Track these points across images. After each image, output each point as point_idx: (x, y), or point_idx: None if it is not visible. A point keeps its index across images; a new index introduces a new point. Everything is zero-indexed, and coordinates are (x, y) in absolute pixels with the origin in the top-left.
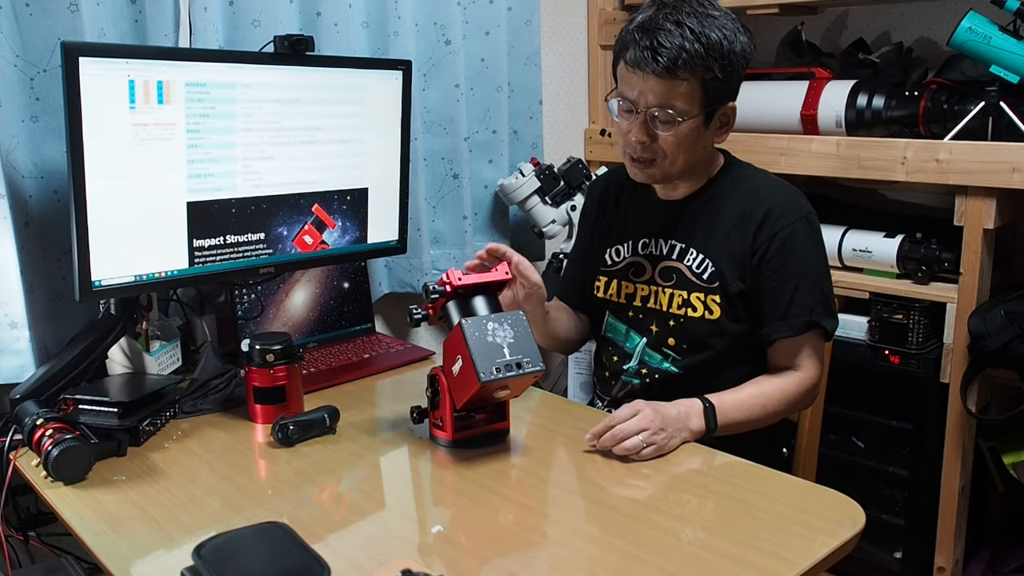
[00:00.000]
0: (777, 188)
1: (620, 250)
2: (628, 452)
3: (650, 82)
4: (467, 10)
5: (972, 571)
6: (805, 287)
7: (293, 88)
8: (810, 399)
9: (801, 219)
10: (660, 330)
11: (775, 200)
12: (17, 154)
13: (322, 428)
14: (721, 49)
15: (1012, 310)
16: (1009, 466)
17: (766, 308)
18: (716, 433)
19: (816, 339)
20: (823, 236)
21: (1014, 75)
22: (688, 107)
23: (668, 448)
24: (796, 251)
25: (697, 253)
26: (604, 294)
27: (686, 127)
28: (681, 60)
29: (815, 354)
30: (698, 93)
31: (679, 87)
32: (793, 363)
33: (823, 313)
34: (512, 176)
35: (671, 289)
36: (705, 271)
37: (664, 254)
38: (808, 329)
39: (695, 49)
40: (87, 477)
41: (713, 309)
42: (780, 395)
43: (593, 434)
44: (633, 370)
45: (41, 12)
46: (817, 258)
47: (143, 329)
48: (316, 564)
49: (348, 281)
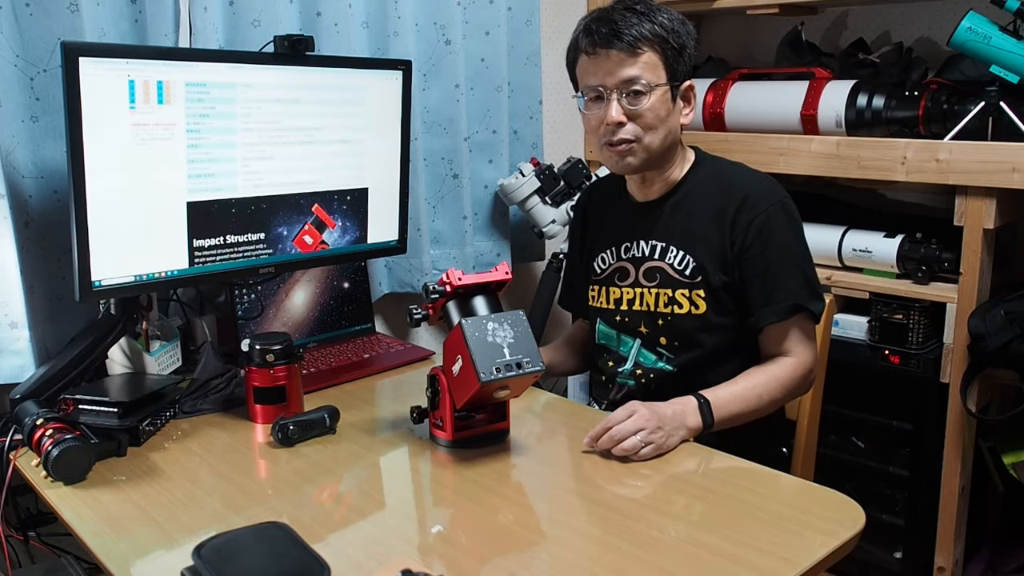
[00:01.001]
0: (748, 177)
1: (605, 257)
2: (626, 453)
3: (614, 60)
4: (467, 10)
5: (972, 571)
6: (787, 271)
7: (293, 88)
8: (807, 384)
9: (775, 204)
10: (650, 330)
11: (748, 189)
12: (17, 154)
13: (322, 428)
14: (672, 27)
15: (1012, 310)
16: (1009, 466)
17: (750, 296)
18: (714, 428)
19: (804, 322)
20: (820, 234)
21: (1014, 75)
22: (654, 77)
23: (667, 447)
24: (773, 236)
25: (677, 250)
26: (595, 303)
27: (657, 98)
28: (641, 34)
29: (806, 338)
30: (661, 64)
31: (642, 58)
32: (783, 349)
33: (807, 296)
34: (512, 176)
35: (656, 288)
36: (687, 267)
37: (646, 255)
38: (794, 313)
39: (650, 26)
40: (87, 477)
41: (699, 304)
42: (775, 383)
43: (591, 437)
44: (628, 372)
45: (41, 12)
46: (796, 242)
47: (143, 329)
48: (316, 564)
49: (348, 281)
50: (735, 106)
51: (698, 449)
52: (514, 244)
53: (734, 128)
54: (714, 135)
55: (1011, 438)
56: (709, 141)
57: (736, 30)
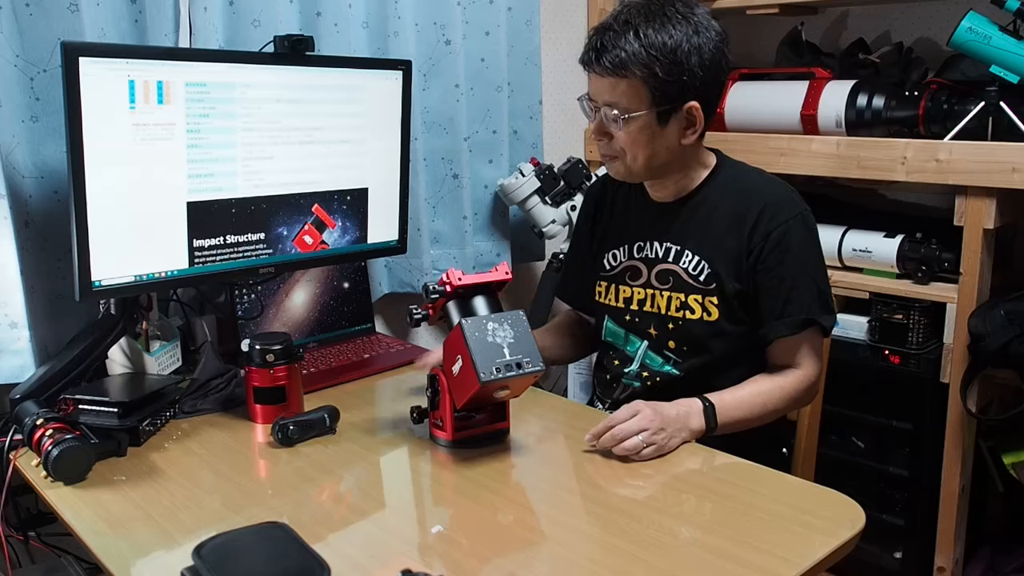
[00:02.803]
0: (771, 186)
1: (617, 254)
2: (628, 452)
3: (597, 81)
4: (467, 10)
5: (972, 571)
6: (802, 285)
7: (293, 88)
8: (810, 396)
9: (796, 216)
10: (659, 333)
11: (769, 198)
12: (17, 154)
13: (322, 428)
14: (664, 49)
15: (1012, 310)
16: (1009, 466)
17: (763, 307)
18: (716, 432)
19: (814, 336)
20: (820, 234)
21: (1014, 75)
22: (633, 105)
23: (668, 448)
24: (791, 249)
25: (692, 255)
26: (603, 299)
27: (634, 125)
28: (619, 60)
29: (813, 352)
30: (643, 92)
31: (620, 85)
32: (792, 361)
33: (820, 310)
34: (512, 176)
35: (668, 292)
36: (701, 273)
37: (660, 257)
38: (806, 327)
39: (635, 49)
40: (87, 477)
41: (711, 311)
42: (780, 393)
43: (593, 435)
44: (634, 373)
45: (41, 12)
46: (813, 255)
47: (143, 329)
48: (316, 564)
49: (348, 281)
50: (735, 106)
51: (699, 449)
52: (514, 244)
53: (734, 128)
54: (714, 135)
55: (1011, 438)
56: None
57: (736, 30)
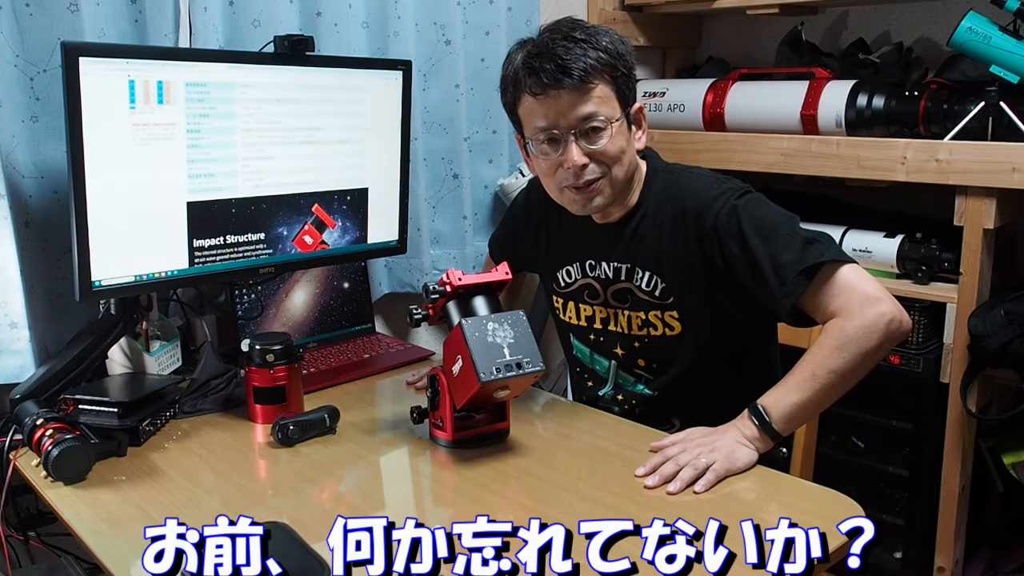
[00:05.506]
0: (699, 183)
1: (571, 271)
2: (686, 484)
3: (566, 99)
4: (467, 10)
5: (972, 571)
6: (778, 247)
7: (293, 88)
8: (878, 326)
9: (734, 200)
10: (626, 352)
11: (701, 198)
12: (17, 154)
13: (322, 428)
14: (616, 50)
15: (1012, 310)
16: (1009, 466)
17: (762, 293)
18: (779, 424)
19: (831, 273)
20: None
21: (1014, 75)
22: (610, 110)
23: (732, 464)
24: (746, 228)
25: (643, 271)
26: (564, 316)
27: (618, 130)
28: (588, 66)
29: (842, 286)
30: (613, 95)
31: (594, 92)
32: (828, 314)
33: (816, 253)
34: (512, 176)
35: (628, 311)
36: (656, 288)
37: (611, 277)
38: (812, 275)
39: (597, 55)
40: (87, 477)
41: (673, 325)
42: (826, 351)
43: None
44: (610, 396)
45: (41, 12)
46: (773, 217)
47: (143, 329)
48: (316, 564)
49: (348, 281)
50: (735, 106)
51: None
52: None
53: (734, 128)
54: (714, 135)
55: (1011, 438)
56: (709, 141)
57: (736, 30)
